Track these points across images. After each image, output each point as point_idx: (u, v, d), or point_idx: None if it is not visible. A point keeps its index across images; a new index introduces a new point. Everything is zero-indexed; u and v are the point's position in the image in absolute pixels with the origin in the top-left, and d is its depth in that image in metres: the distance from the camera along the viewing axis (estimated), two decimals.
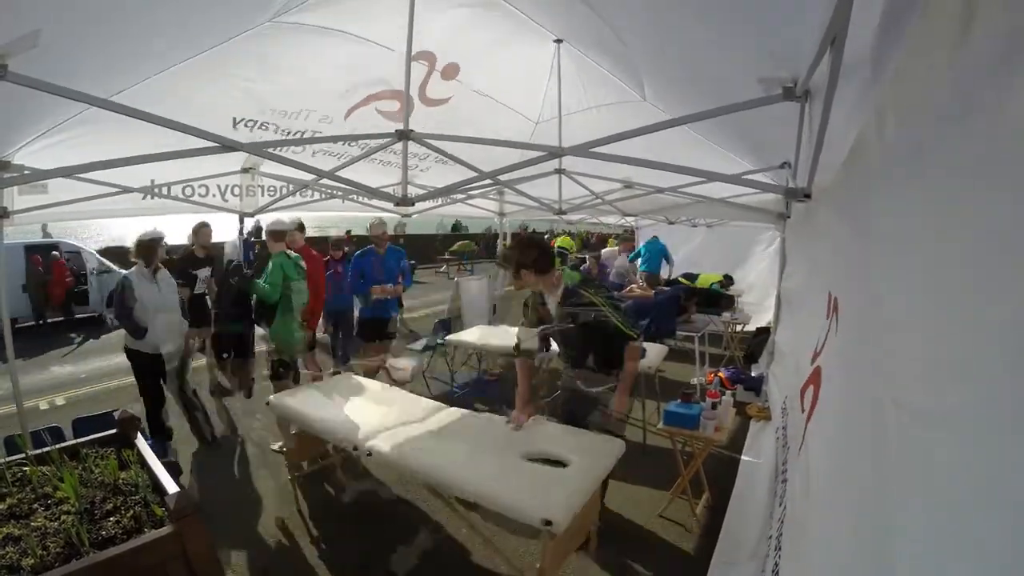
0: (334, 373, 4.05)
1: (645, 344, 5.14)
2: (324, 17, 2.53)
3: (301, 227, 5.03)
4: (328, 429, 2.99)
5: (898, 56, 1.06)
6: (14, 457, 2.25)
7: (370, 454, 2.72)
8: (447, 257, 19.04)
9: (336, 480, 3.83)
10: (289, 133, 3.33)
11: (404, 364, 3.37)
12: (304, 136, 3.36)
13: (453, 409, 3.18)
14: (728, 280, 7.75)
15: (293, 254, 4.41)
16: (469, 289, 7.22)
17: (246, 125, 3.14)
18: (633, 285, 8.12)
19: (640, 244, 9.16)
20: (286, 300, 4.21)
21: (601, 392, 2.92)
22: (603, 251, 8.84)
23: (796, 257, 3.89)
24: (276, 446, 4.02)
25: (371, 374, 4.18)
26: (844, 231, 1.67)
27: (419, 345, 6.09)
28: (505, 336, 5.69)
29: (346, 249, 6.23)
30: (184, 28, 2.10)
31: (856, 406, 1.19)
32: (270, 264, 4.26)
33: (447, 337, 5.74)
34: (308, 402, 3.26)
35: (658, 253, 8.52)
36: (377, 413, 3.09)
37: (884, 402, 0.94)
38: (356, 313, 5.82)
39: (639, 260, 8.61)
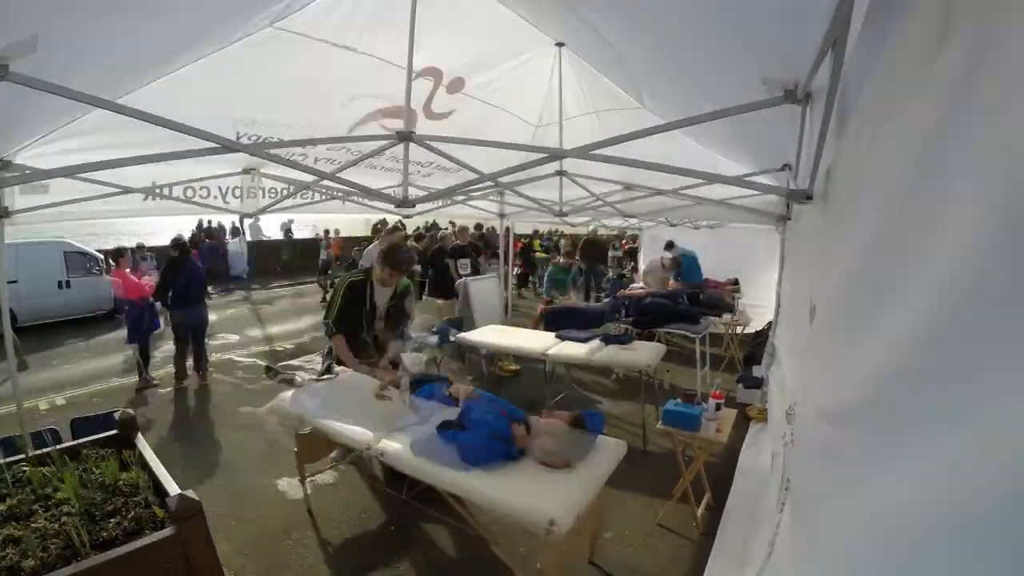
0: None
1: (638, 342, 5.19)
2: (328, 31, 2.52)
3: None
4: (337, 430, 2.99)
5: (876, 61, 1.08)
6: (14, 458, 2.25)
7: (382, 455, 2.72)
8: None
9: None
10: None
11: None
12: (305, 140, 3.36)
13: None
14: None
15: None
16: (478, 289, 7.20)
17: (248, 139, 3.15)
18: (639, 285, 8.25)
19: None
20: None
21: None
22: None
23: (791, 259, 3.91)
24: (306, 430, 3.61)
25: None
26: (820, 236, 1.69)
27: (434, 340, 6.11)
28: (517, 336, 5.69)
29: None
30: (184, 30, 2.10)
31: (807, 410, 1.22)
32: None
33: (458, 335, 5.76)
34: (317, 402, 3.24)
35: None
36: (386, 413, 3.08)
37: (809, 405, 0.96)
38: None
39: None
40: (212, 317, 10.02)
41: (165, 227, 16.41)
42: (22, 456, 2.26)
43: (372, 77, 2.88)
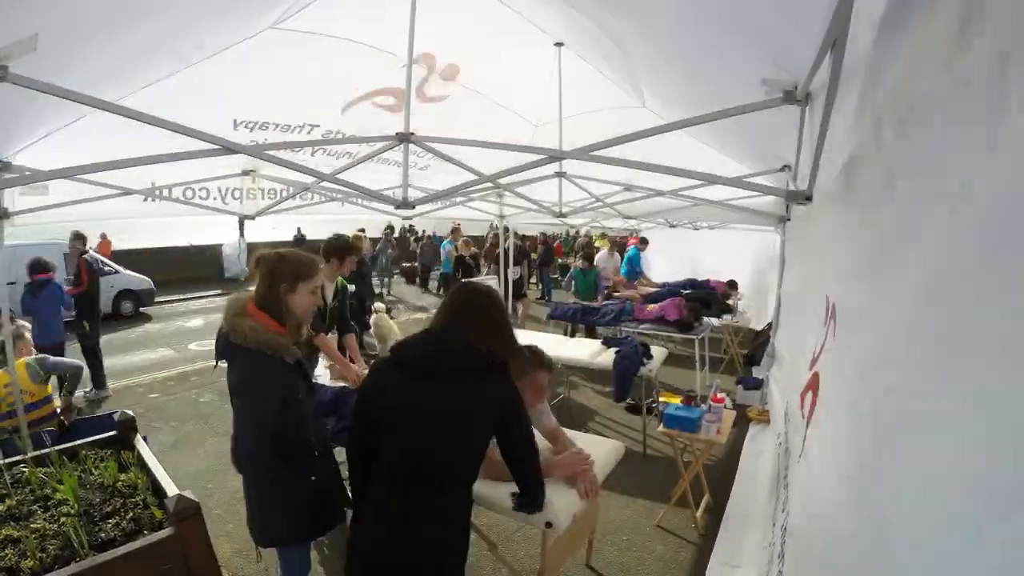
0: None
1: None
2: (325, 24, 2.54)
3: None
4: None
5: (895, 61, 1.07)
6: (13, 459, 2.25)
7: None
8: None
9: None
10: (289, 129, 3.33)
11: None
12: (303, 134, 3.37)
13: None
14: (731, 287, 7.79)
15: None
16: None
17: (247, 127, 3.15)
18: (620, 282, 8.35)
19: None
20: None
21: None
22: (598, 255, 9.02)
23: (795, 260, 3.89)
24: None
25: None
26: (842, 236, 1.67)
27: None
28: (519, 339, 5.65)
29: None
30: (186, 35, 2.11)
31: (852, 410, 1.20)
32: None
33: None
34: None
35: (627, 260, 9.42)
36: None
37: (876, 405, 0.94)
38: None
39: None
40: (199, 322, 10.07)
41: (164, 228, 16.42)
42: (21, 457, 2.26)
43: (367, 64, 2.89)
